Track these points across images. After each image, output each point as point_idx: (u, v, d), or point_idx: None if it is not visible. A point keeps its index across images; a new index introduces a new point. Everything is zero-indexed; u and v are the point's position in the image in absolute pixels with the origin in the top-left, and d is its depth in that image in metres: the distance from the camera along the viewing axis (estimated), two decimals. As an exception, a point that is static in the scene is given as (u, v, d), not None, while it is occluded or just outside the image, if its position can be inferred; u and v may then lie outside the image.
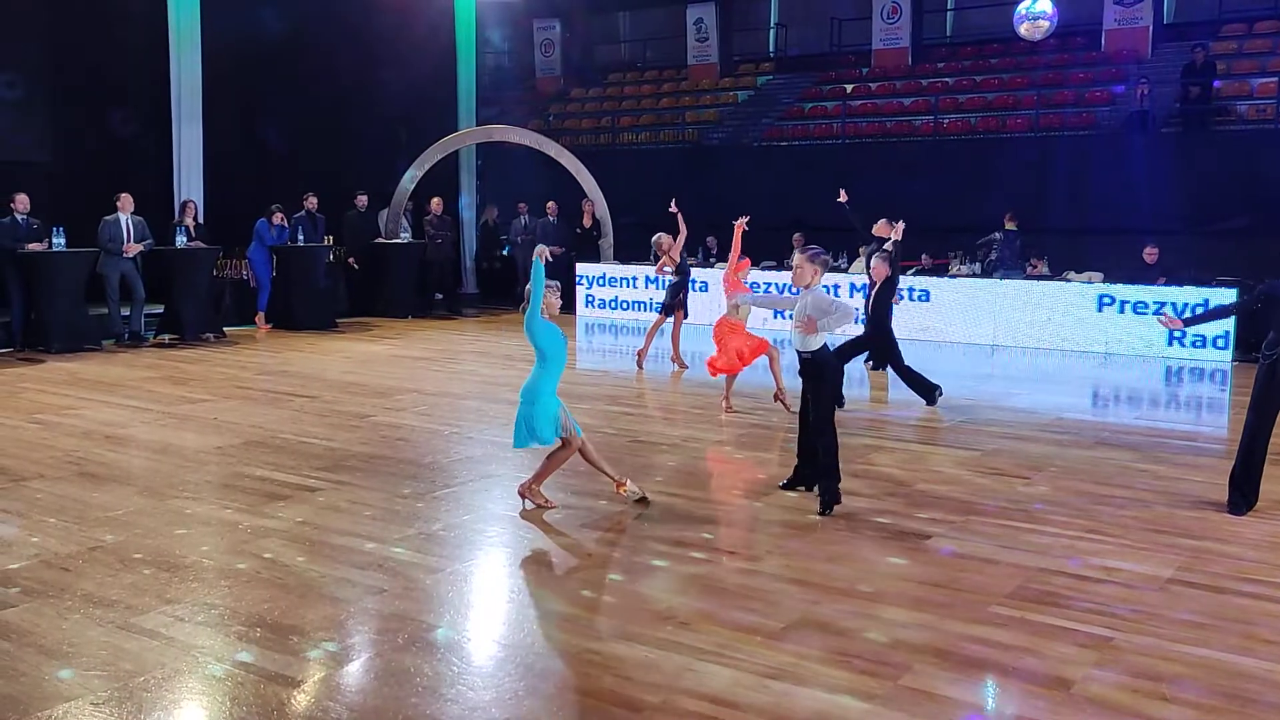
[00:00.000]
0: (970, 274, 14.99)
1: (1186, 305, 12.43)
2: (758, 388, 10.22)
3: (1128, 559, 5.65)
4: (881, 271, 9.87)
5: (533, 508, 6.43)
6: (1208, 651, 4.49)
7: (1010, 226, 14.95)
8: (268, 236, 14.91)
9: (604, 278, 17.27)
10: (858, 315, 9.57)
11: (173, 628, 4.62)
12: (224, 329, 14.35)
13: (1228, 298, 12.15)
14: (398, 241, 16.84)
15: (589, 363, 13.19)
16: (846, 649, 4.47)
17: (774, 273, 15.41)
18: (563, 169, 17.98)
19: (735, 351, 9.35)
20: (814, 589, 5.17)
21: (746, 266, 9.99)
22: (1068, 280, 14.04)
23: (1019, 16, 14.36)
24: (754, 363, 9.58)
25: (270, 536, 5.88)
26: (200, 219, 14.55)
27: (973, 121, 18.59)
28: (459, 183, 19.72)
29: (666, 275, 12.16)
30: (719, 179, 18.65)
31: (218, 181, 15.60)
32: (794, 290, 6.68)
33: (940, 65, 21.05)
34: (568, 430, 6.38)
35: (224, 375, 11.31)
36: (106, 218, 13.15)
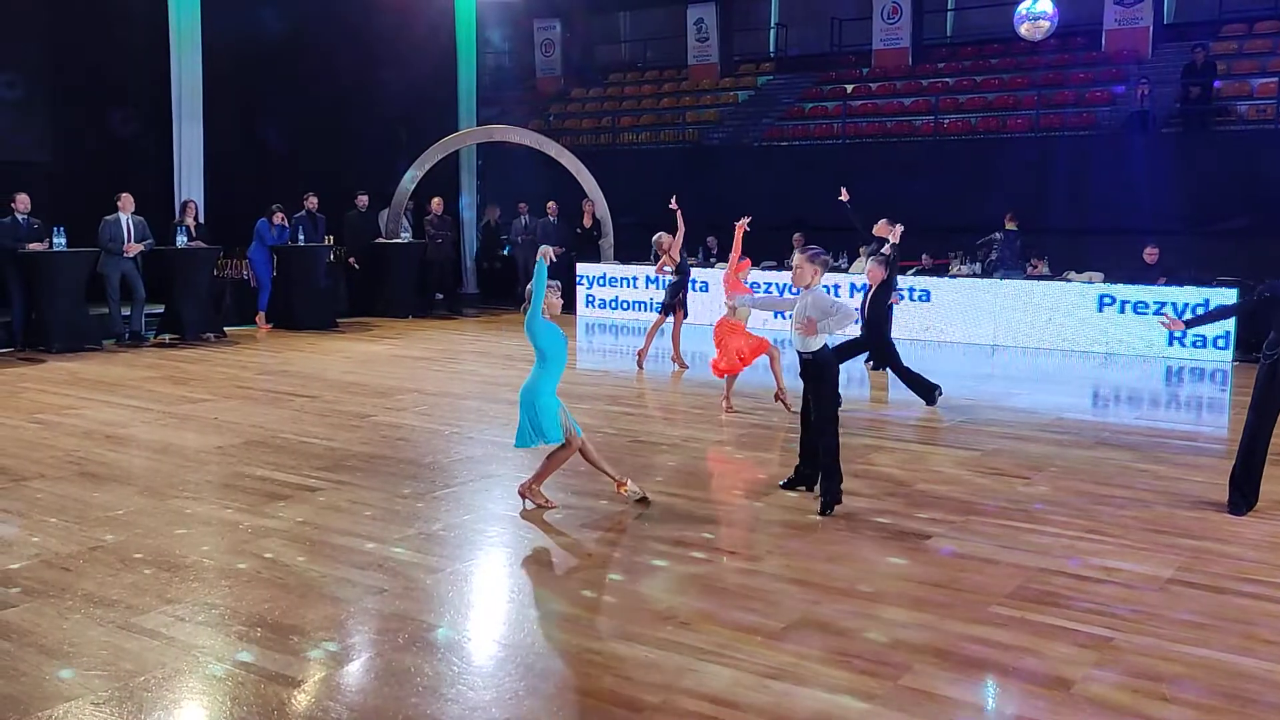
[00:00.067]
0: (971, 274, 14.99)
1: (1187, 305, 12.44)
2: (758, 388, 10.22)
3: (1128, 559, 5.66)
4: (877, 275, 9.86)
5: (533, 508, 6.44)
6: (1208, 651, 4.49)
7: (1011, 226, 14.95)
8: (268, 236, 14.92)
9: (604, 278, 17.28)
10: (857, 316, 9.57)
11: (173, 627, 4.63)
12: (224, 329, 14.36)
13: (1228, 298, 12.16)
14: (398, 241, 16.84)
15: (589, 363, 13.19)
16: (846, 649, 4.47)
17: (774, 273, 15.41)
18: (563, 169, 17.98)
19: (736, 352, 9.35)
20: (814, 589, 5.17)
21: (747, 267, 10.00)
22: (1068, 280, 14.04)
23: (1019, 17, 14.38)
24: (754, 363, 9.59)
25: (271, 536, 5.88)
26: (201, 219, 14.55)
27: (973, 121, 18.59)
28: (459, 183, 19.73)
29: (666, 275, 12.15)
30: (719, 179, 18.64)
31: (218, 181, 15.61)
32: (794, 290, 6.68)
33: (940, 65, 21.04)
34: (568, 430, 6.38)
35: (224, 375, 11.31)
36: (107, 217, 13.16)
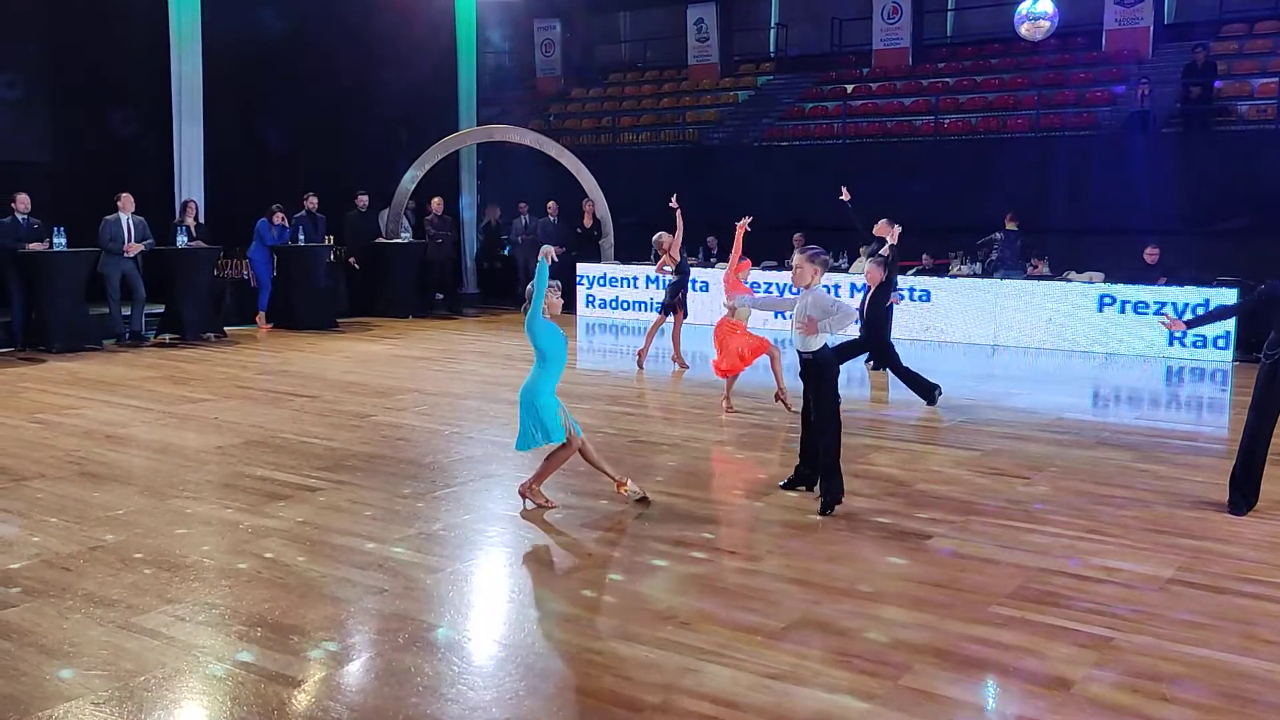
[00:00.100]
0: (971, 274, 14.99)
1: (1187, 306, 12.44)
2: (758, 388, 10.22)
3: (1128, 559, 5.66)
4: (876, 276, 9.85)
5: (533, 508, 6.44)
6: (1208, 651, 4.49)
7: (1011, 226, 14.95)
8: (268, 236, 14.92)
9: (604, 278, 17.28)
10: (858, 316, 9.57)
11: (173, 627, 4.63)
12: (225, 329, 14.36)
13: (1229, 298, 12.15)
14: (398, 241, 16.84)
15: (589, 363, 13.18)
16: (846, 649, 4.47)
17: (774, 273, 15.42)
18: (563, 169, 17.97)
19: (737, 352, 9.35)
20: (814, 589, 5.17)
21: (747, 267, 10.00)
22: (1068, 280, 14.04)
23: (1020, 17, 14.38)
24: (755, 363, 9.59)
25: (271, 536, 5.88)
26: (201, 219, 14.55)
27: (973, 122, 18.59)
28: (460, 183, 19.73)
29: (666, 274, 12.15)
30: (719, 179, 18.64)
31: (218, 181, 15.61)
32: (794, 290, 6.68)
33: (941, 65, 21.04)
34: (567, 430, 6.38)
35: (225, 375, 11.31)
36: (107, 217, 13.16)
